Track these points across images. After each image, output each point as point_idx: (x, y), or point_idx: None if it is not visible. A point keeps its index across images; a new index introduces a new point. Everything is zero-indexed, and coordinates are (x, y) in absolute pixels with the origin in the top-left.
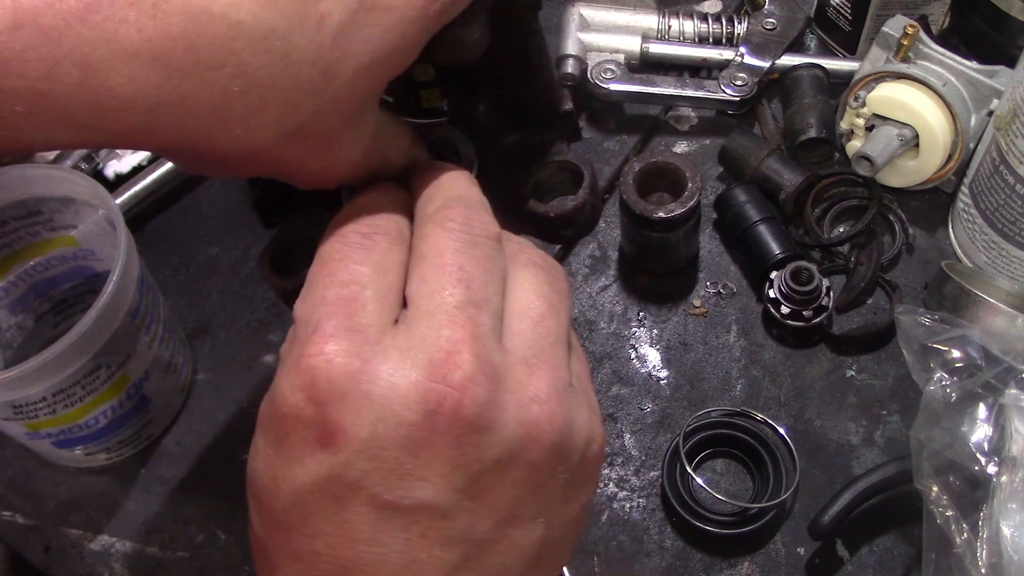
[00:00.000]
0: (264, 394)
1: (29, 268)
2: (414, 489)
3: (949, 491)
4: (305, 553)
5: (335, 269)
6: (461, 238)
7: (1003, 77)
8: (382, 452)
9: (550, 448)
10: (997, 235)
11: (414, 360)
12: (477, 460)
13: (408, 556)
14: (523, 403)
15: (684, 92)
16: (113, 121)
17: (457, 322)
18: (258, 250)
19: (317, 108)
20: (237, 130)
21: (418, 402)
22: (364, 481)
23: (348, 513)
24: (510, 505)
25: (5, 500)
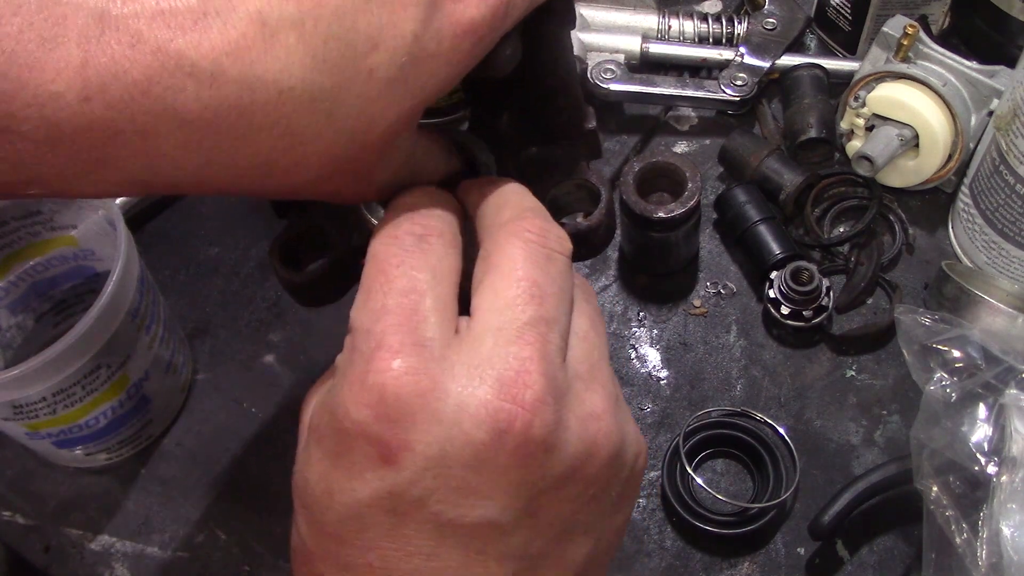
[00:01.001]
0: (264, 393)
1: (29, 268)
2: (477, 507)
3: (949, 491)
4: (357, 565)
5: (393, 275)
6: (538, 251)
7: (1003, 77)
8: (448, 471)
9: (607, 463)
10: (997, 235)
11: (482, 378)
12: (541, 479)
13: (463, 572)
14: (583, 420)
15: (684, 92)
16: (165, 179)
17: (527, 339)
18: (258, 250)
19: (357, 151)
20: (280, 177)
21: (487, 421)
22: (427, 499)
23: (407, 528)
24: (565, 521)
25: (5, 500)
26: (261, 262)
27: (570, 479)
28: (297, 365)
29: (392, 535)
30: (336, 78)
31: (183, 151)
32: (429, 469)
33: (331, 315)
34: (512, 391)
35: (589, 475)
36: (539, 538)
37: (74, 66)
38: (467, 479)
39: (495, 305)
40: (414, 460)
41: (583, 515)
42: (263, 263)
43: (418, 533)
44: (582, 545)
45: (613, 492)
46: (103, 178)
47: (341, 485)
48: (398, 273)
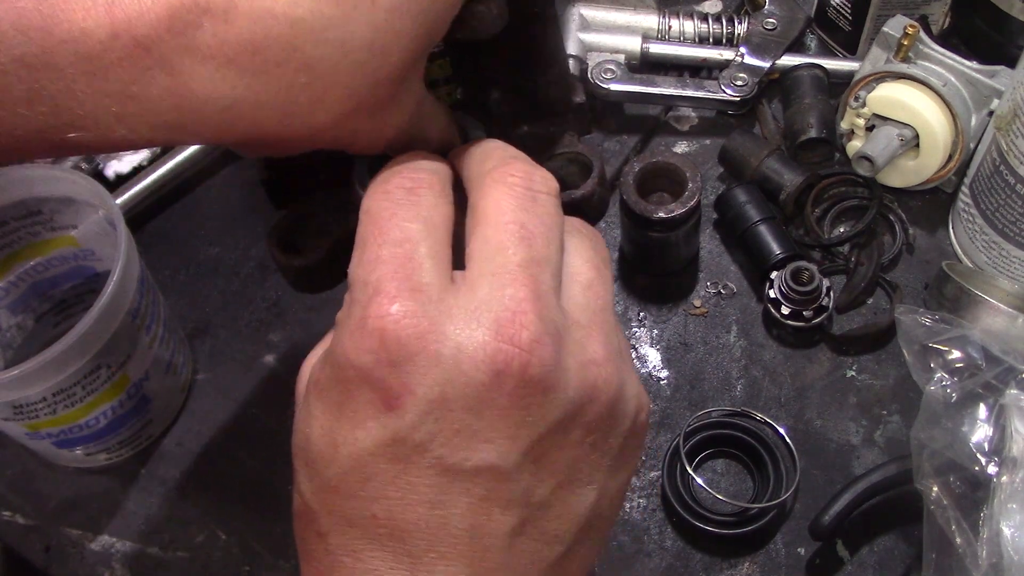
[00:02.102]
0: (264, 393)
1: (29, 268)
2: (479, 451)
3: (949, 491)
4: (361, 518)
5: (385, 227)
6: (523, 194)
7: (1003, 77)
8: (449, 413)
9: (607, 409)
10: (997, 235)
11: (479, 320)
12: (541, 421)
13: (469, 520)
14: (583, 365)
15: (684, 92)
16: (193, 121)
17: (520, 281)
18: (258, 250)
19: (372, 86)
20: (304, 117)
21: (486, 362)
22: (429, 443)
23: (410, 476)
24: (567, 469)
25: (5, 500)
26: (261, 262)
27: (570, 423)
28: (297, 365)
29: (396, 484)
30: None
31: (208, 88)
32: (431, 412)
33: (331, 315)
34: (509, 332)
35: (589, 421)
36: (542, 485)
37: (102, 4)
38: (468, 422)
39: (486, 251)
40: (416, 403)
41: (585, 464)
42: (263, 263)
43: (421, 480)
44: (585, 497)
45: (615, 444)
46: (137, 120)
47: (344, 436)
48: (391, 225)
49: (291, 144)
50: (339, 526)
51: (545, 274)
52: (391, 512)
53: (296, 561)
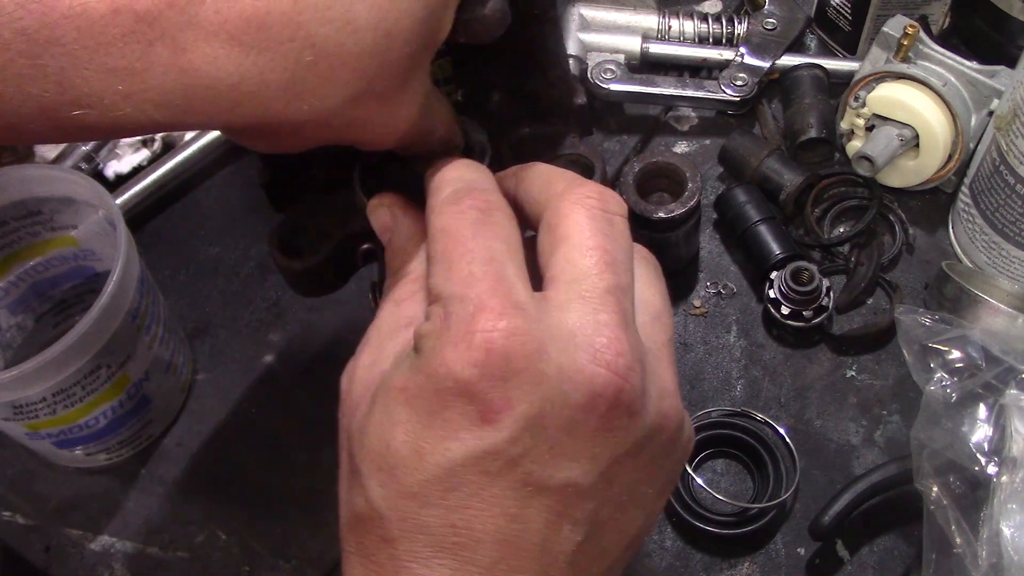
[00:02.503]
0: (264, 393)
1: (29, 268)
2: (563, 469)
3: (949, 491)
4: (437, 527)
5: (471, 246)
6: (601, 217)
7: (1003, 77)
8: (544, 432)
9: (671, 438)
10: (997, 235)
11: (576, 344)
12: (622, 443)
13: (542, 534)
14: (659, 393)
15: (684, 92)
16: (201, 101)
17: (610, 308)
18: (258, 250)
19: (380, 69)
20: (311, 99)
21: (585, 385)
22: (522, 459)
23: (496, 488)
24: (628, 491)
25: (5, 500)
26: (261, 262)
27: (642, 449)
28: (297, 365)
29: (481, 496)
30: None
31: (213, 67)
32: (528, 429)
33: (331, 315)
34: (606, 358)
35: (655, 447)
36: (608, 505)
37: None
38: (560, 440)
39: (572, 274)
40: (515, 420)
41: (643, 488)
42: (263, 263)
43: (506, 494)
44: (637, 518)
45: (668, 469)
46: (142, 99)
47: (433, 445)
48: (476, 244)
49: (300, 132)
50: (411, 533)
51: (628, 302)
52: (470, 523)
53: (296, 561)
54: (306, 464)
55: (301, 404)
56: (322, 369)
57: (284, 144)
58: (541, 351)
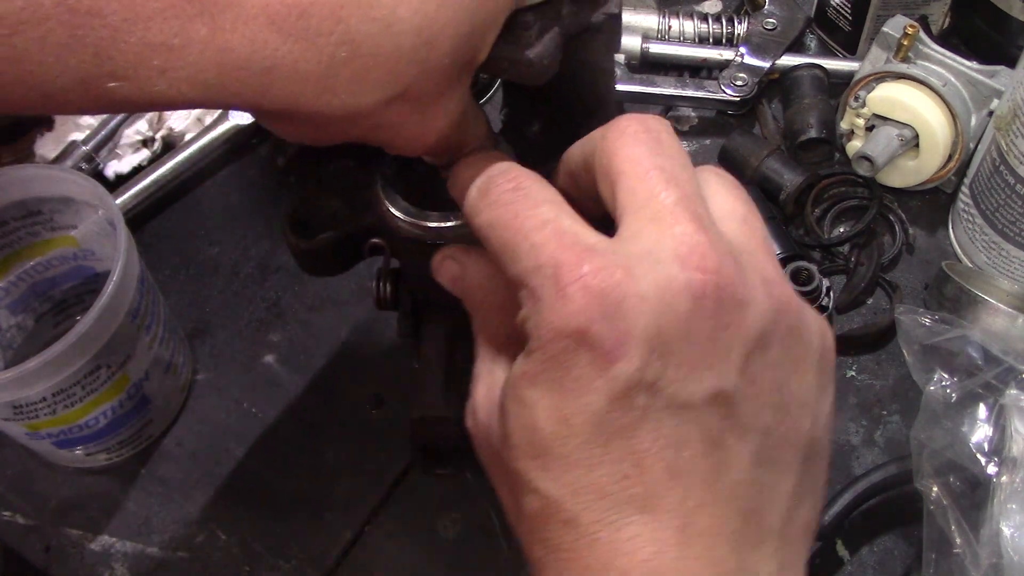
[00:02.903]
0: (264, 393)
1: (29, 268)
2: (703, 380)
3: (949, 491)
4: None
5: (521, 224)
6: (649, 140)
7: (1003, 77)
8: (668, 348)
9: (796, 324)
10: (997, 235)
11: (660, 259)
12: (744, 337)
13: (713, 456)
14: (764, 282)
15: (684, 92)
16: (234, 81)
17: (683, 217)
18: (258, 250)
19: (418, 76)
20: (342, 94)
21: (684, 291)
22: (659, 382)
23: (649, 424)
24: (778, 390)
25: (5, 500)
26: (261, 262)
27: (768, 340)
28: (297, 365)
29: (639, 435)
30: None
31: (249, 48)
32: (652, 351)
33: (331, 315)
34: (693, 261)
35: (783, 337)
36: (763, 409)
37: None
38: (685, 353)
39: (636, 202)
40: (637, 346)
41: (794, 384)
42: (263, 263)
43: (660, 424)
44: (802, 420)
45: (811, 363)
46: (177, 75)
47: (574, 407)
48: (520, 220)
49: (328, 126)
50: (589, 503)
51: (700, 207)
52: (640, 466)
53: (296, 561)
54: (306, 464)
55: (301, 404)
56: (322, 369)
57: (311, 135)
58: (631, 277)
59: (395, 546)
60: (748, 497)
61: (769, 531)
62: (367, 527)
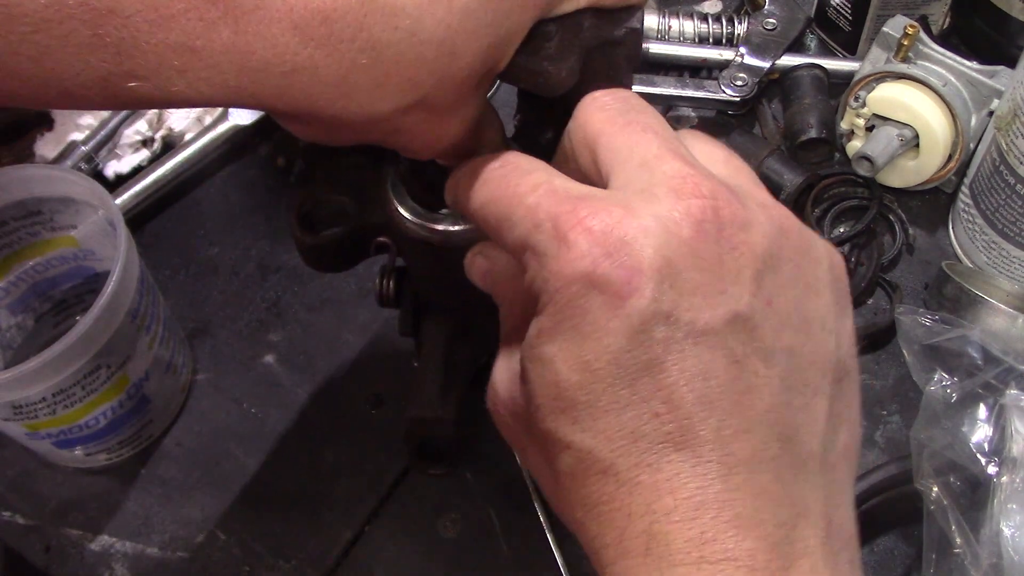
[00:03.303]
0: (264, 393)
1: (29, 268)
2: (719, 303)
3: (949, 491)
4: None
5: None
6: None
7: (1003, 77)
8: (678, 275)
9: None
10: (997, 235)
11: (655, 194)
12: (753, 257)
13: (742, 381)
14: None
15: (684, 92)
16: (252, 82)
17: (668, 157)
18: (258, 250)
19: (438, 85)
20: (361, 100)
21: (685, 218)
22: (675, 311)
23: (673, 354)
24: (796, 310)
25: (5, 500)
26: (261, 262)
27: (777, 259)
28: (297, 365)
29: (664, 368)
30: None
31: (270, 52)
32: (664, 280)
33: (331, 315)
34: (687, 190)
35: (791, 256)
36: (784, 330)
37: None
38: (696, 279)
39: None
40: (648, 278)
41: (810, 304)
42: (263, 263)
43: (684, 354)
44: (825, 340)
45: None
46: (197, 77)
47: (595, 351)
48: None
49: (343, 129)
50: (624, 447)
51: (683, 148)
52: (671, 402)
53: (296, 561)
54: (306, 464)
55: (301, 404)
56: (322, 369)
57: (325, 136)
58: (630, 214)
59: (395, 546)
60: (783, 422)
61: (809, 456)
62: (367, 527)
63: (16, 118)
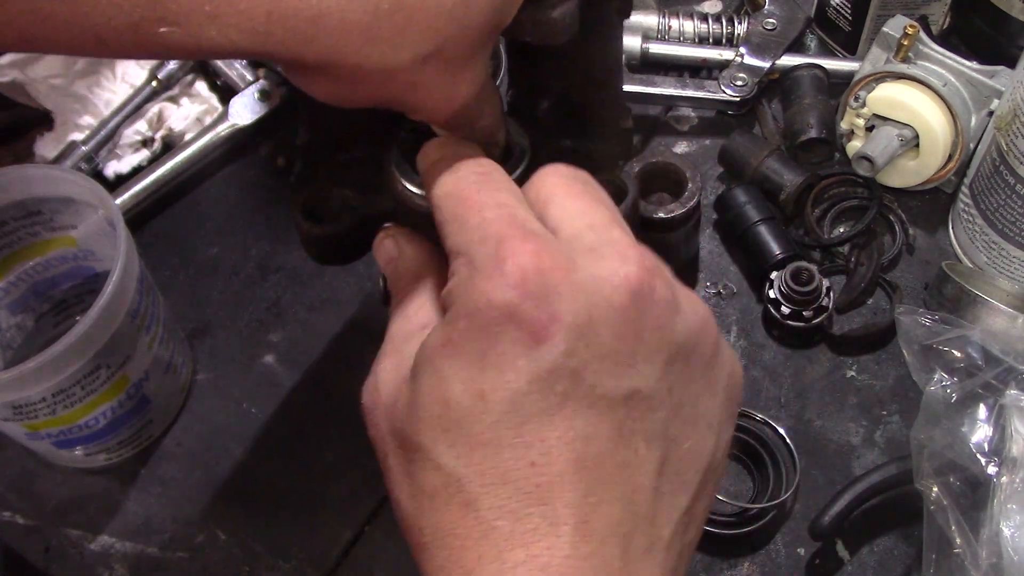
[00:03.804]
0: (264, 393)
1: (29, 268)
2: (626, 377)
3: (949, 491)
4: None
5: (478, 199)
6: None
7: (1003, 77)
8: (597, 338)
9: (715, 346)
10: (997, 235)
11: (602, 254)
12: (671, 343)
13: (621, 455)
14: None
15: (684, 92)
16: (281, 28)
17: (618, 228)
18: (258, 250)
19: (454, 34)
20: (383, 47)
21: (623, 284)
22: (582, 371)
23: (566, 410)
24: (692, 404)
25: (5, 500)
26: (261, 262)
27: (692, 352)
28: (297, 365)
29: (553, 422)
30: None
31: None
32: (580, 338)
33: (331, 315)
34: (633, 258)
35: (704, 353)
36: (676, 419)
37: None
38: (614, 346)
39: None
40: (566, 331)
41: (705, 402)
42: (263, 263)
43: (576, 413)
44: (708, 439)
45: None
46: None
47: (493, 383)
48: (482, 196)
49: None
50: (491, 487)
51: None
52: (548, 455)
53: (296, 561)
54: (306, 464)
55: (301, 404)
56: (322, 369)
57: (345, 93)
58: (572, 264)
59: (395, 546)
60: (647, 503)
61: (659, 541)
62: (367, 527)
63: (16, 118)
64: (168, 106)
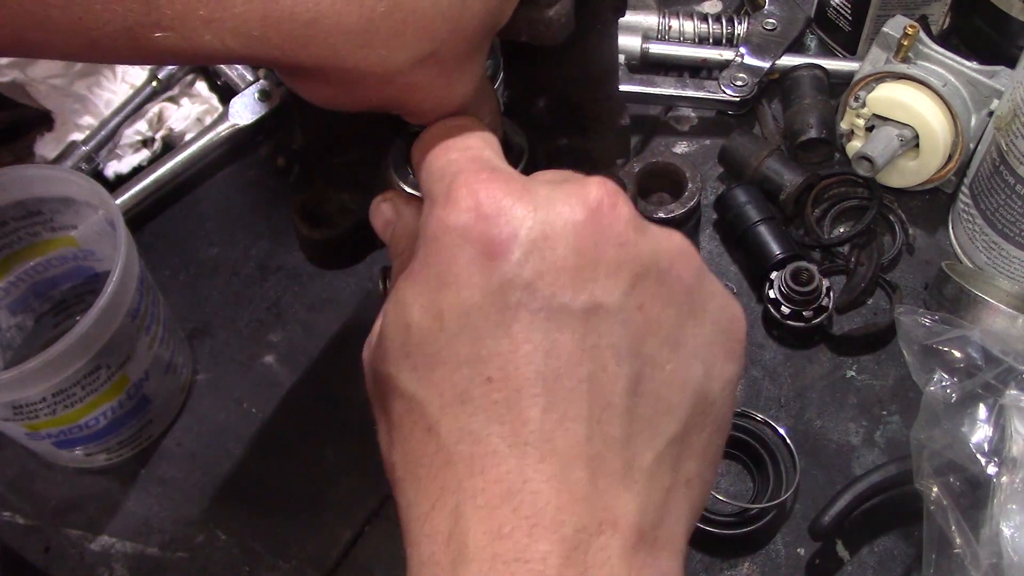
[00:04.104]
0: (264, 393)
1: (29, 268)
2: (583, 290)
3: (949, 492)
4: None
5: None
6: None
7: (1003, 77)
8: (553, 252)
9: (700, 272)
10: (997, 235)
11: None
12: (638, 260)
13: (586, 369)
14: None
15: (684, 92)
16: (277, 33)
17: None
18: (258, 250)
19: (450, 35)
20: (380, 49)
21: (581, 201)
22: (537, 282)
23: (522, 322)
24: (670, 327)
25: (5, 500)
26: (261, 262)
27: (665, 274)
28: (297, 365)
29: (508, 334)
30: None
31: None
32: (535, 251)
33: (331, 316)
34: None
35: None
36: (651, 339)
37: None
38: (570, 260)
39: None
40: (519, 243)
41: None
42: (263, 263)
43: (533, 326)
44: (694, 368)
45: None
46: (222, 27)
47: (449, 301)
48: (451, 142)
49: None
50: (451, 407)
51: None
52: (506, 370)
53: (296, 561)
54: (306, 464)
55: (301, 404)
56: (322, 369)
57: (342, 97)
58: (528, 188)
59: (395, 546)
60: (619, 424)
61: (636, 468)
62: (367, 527)
63: (16, 118)
64: (168, 106)
